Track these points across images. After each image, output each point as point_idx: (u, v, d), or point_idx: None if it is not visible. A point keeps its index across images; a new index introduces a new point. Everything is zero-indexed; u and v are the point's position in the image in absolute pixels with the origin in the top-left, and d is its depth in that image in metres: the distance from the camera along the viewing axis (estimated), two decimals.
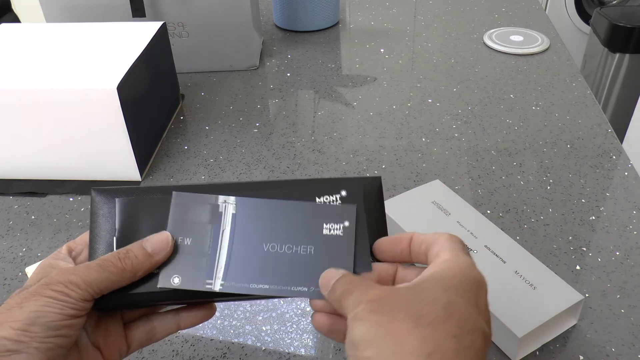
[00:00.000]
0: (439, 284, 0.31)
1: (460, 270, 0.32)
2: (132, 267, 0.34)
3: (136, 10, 0.90)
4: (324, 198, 0.38)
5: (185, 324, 0.39)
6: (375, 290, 0.31)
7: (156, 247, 0.35)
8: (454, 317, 0.29)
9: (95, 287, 0.33)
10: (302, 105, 0.89)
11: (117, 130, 0.66)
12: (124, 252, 0.35)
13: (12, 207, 0.69)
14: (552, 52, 1.01)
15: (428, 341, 0.28)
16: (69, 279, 0.32)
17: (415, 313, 0.29)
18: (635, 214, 0.64)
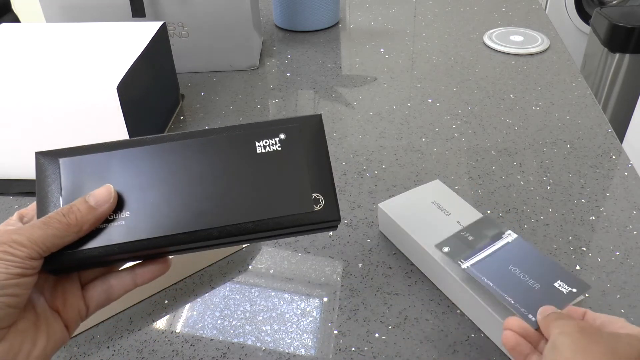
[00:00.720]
0: (636, 338, 0.37)
1: None
2: (77, 221, 0.35)
3: (136, 10, 0.90)
4: (263, 142, 0.39)
5: (142, 280, 0.39)
6: (582, 323, 0.38)
7: (99, 199, 0.36)
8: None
9: (41, 244, 0.33)
10: (302, 105, 0.89)
11: (117, 130, 0.66)
12: (67, 208, 0.35)
13: (12, 207, 0.69)
14: (552, 52, 1.01)
15: None
16: (12, 239, 0.33)
17: (612, 349, 0.35)
18: (635, 214, 0.64)
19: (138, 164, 0.38)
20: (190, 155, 0.38)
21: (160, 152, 0.38)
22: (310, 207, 0.38)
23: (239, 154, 0.39)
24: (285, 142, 0.39)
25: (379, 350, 0.50)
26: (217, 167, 0.38)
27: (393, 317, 0.53)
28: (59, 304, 0.37)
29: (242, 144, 0.39)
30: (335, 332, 0.52)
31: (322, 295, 0.56)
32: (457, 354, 0.49)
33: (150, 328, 0.53)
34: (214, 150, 0.39)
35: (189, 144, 0.39)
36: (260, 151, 0.39)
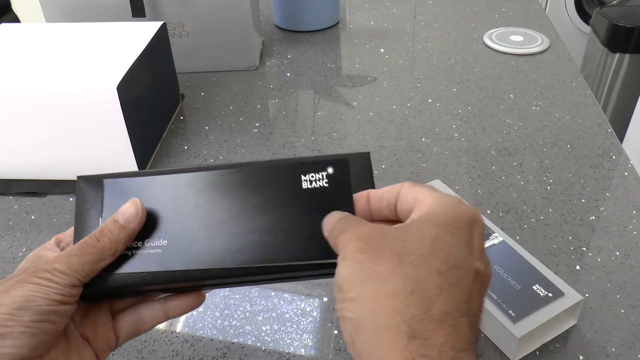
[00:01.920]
0: (427, 221, 0.30)
1: (449, 207, 0.31)
2: (110, 243, 0.35)
3: (136, 10, 0.90)
4: (309, 176, 0.37)
5: (174, 313, 0.38)
6: (364, 228, 0.31)
7: (127, 216, 0.35)
8: (440, 254, 0.28)
9: (80, 270, 0.33)
10: (302, 105, 0.89)
11: (117, 130, 0.66)
12: (99, 231, 0.35)
13: (12, 207, 0.69)
14: (552, 52, 1.01)
15: (409, 279, 0.27)
16: (53, 267, 0.33)
17: (400, 251, 0.28)
18: (635, 214, 0.64)
19: (180, 191, 0.37)
20: (233, 187, 0.37)
21: (204, 181, 0.37)
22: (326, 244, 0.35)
23: (284, 188, 0.37)
24: (333, 178, 0.37)
25: None
26: (260, 201, 0.36)
27: None
28: (89, 333, 0.36)
29: (287, 178, 0.37)
30: (335, 332, 0.52)
31: (322, 295, 0.56)
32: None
33: None
34: (258, 183, 0.37)
35: (232, 175, 0.37)
36: (306, 186, 0.36)
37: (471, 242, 0.30)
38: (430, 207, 0.31)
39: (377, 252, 0.29)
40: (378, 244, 0.29)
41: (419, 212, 0.31)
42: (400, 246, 0.28)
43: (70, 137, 0.67)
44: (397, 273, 0.27)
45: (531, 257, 0.53)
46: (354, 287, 0.28)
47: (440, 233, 0.29)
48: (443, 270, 0.28)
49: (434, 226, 0.29)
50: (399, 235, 0.29)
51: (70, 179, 0.71)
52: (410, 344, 0.26)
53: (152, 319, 0.38)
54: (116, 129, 0.66)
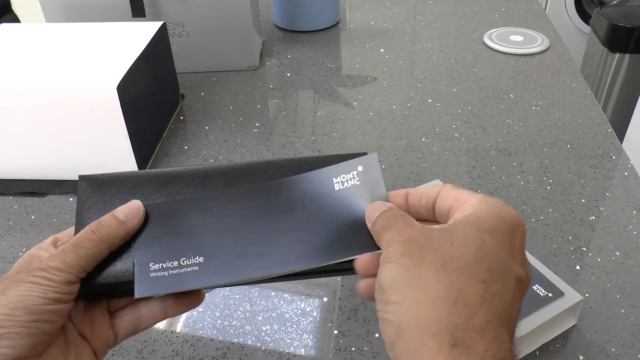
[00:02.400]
0: (473, 225, 0.30)
1: (495, 211, 0.31)
2: (107, 235, 0.34)
3: (136, 10, 0.90)
4: (341, 177, 0.37)
5: (173, 312, 0.38)
6: (409, 230, 0.31)
7: (128, 214, 0.36)
8: (484, 262, 0.28)
9: (76, 266, 0.33)
10: (302, 105, 0.89)
11: (117, 130, 0.66)
12: (97, 223, 0.35)
13: (12, 207, 0.69)
14: (552, 52, 1.01)
15: (453, 287, 0.27)
16: (48, 265, 0.32)
17: (444, 257, 0.28)
18: (635, 214, 0.64)
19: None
20: (265, 199, 0.37)
21: (231, 197, 0.37)
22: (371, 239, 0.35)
23: (317, 194, 0.37)
24: (363, 175, 0.37)
25: (379, 350, 0.50)
26: (295, 211, 0.36)
27: None
28: (87, 331, 0.36)
29: (320, 185, 0.37)
30: (335, 332, 0.52)
31: (322, 295, 0.56)
32: None
33: (150, 328, 0.53)
34: (291, 196, 0.37)
35: (263, 188, 0.37)
36: (339, 188, 0.37)
37: (514, 248, 0.30)
38: (475, 210, 0.31)
39: (421, 256, 0.29)
40: (423, 248, 0.29)
41: (463, 212, 0.31)
42: (446, 251, 0.29)
43: (70, 137, 0.67)
44: (442, 281, 0.28)
45: (531, 257, 0.53)
46: (398, 291, 0.28)
47: (486, 240, 0.29)
48: (487, 279, 0.28)
49: (480, 232, 0.29)
50: (444, 239, 0.29)
51: (70, 179, 0.71)
52: (452, 352, 0.26)
53: (151, 318, 0.38)
54: (116, 129, 0.66)
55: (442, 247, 0.29)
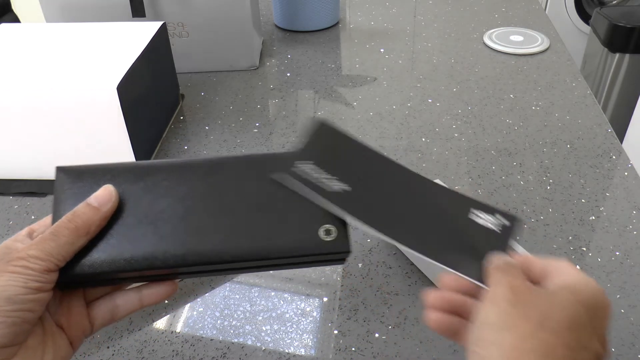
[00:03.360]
0: (573, 294, 0.32)
1: (591, 287, 0.33)
2: (83, 223, 0.35)
3: (136, 10, 0.90)
4: (480, 214, 0.39)
5: (148, 301, 0.39)
6: (518, 281, 0.33)
7: (101, 200, 0.36)
8: (575, 330, 0.31)
9: (56, 254, 0.34)
10: (302, 105, 0.89)
11: (117, 130, 0.66)
12: (72, 214, 0.35)
13: (12, 207, 0.69)
14: (552, 52, 1.01)
15: (545, 344, 0.30)
16: (27, 254, 0.33)
17: (544, 315, 0.31)
18: (635, 214, 0.64)
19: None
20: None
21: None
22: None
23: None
24: (502, 226, 0.39)
25: (379, 350, 0.50)
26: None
27: (393, 317, 0.53)
28: (63, 320, 0.37)
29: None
30: (335, 332, 0.52)
31: (322, 295, 0.56)
32: (457, 354, 0.49)
33: (150, 328, 0.53)
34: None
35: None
36: (474, 219, 0.39)
37: (600, 326, 0.33)
38: (574, 281, 0.34)
39: (524, 308, 0.32)
40: (526, 301, 0.32)
41: (561, 280, 0.34)
42: (546, 310, 0.32)
43: (70, 137, 0.67)
44: (538, 336, 0.31)
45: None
46: (497, 333, 0.31)
47: (580, 311, 0.32)
48: (573, 346, 0.31)
49: (577, 303, 0.32)
50: (545, 299, 0.32)
51: None
52: None
53: (127, 307, 0.39)
54: (116, 129, 0.66)
55: (543, 306, 0.32)
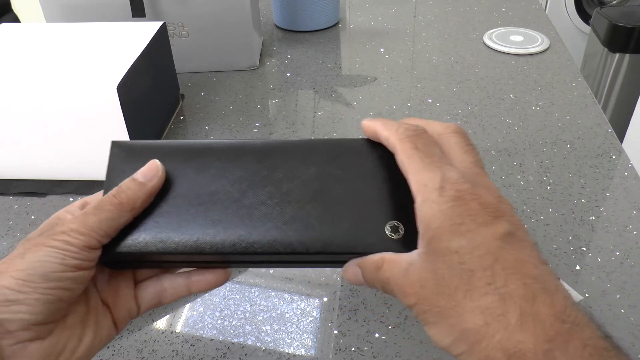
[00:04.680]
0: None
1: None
2: (128, 199, 0.34)
3: (136, 10, 0.90)
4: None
5: (197, 288, 0.37)
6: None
7: (147, 174, 0.35)
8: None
9: (98, 229, 0.32)
10: (302, 105, 0.89)
11: (117, 130, 0.66)
12: (117, 189, 0.34)
13: (12, 207, 0.69)
14: (552, 52, 1.01)
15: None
16: (70, 228, 0.32)
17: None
18: (635, 214, 0.64)
19: (214, 159, 0.37)
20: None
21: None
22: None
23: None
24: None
25: (379, 350, 0.50)
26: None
27: (393, 317, 0.53)
28: (110, 299, 0.36)
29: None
30: (335, 332, 0.52)
31: (322, 295, 0.56)
32: None
33: (150, 328, 0.53)
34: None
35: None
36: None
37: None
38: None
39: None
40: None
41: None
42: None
43: (70, 137, 0.67)
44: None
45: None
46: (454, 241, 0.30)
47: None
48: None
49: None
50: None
51: (71, 179, 0.71)
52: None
53: (174, 292, 0.38)
54: (116, 129, 0.66)
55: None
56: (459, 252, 0.28)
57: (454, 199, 0.30)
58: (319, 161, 0.36)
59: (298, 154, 0.37)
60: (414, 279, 0.30)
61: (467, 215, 0.29)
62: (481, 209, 0.30)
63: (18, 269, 0.30)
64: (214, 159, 0.37)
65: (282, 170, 0.36)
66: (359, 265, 0.33)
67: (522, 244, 0.29)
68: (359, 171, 0.36)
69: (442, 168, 0.31)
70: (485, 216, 0.30)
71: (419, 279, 0.30)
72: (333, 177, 0.36)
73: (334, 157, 0.36)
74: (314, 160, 0.36)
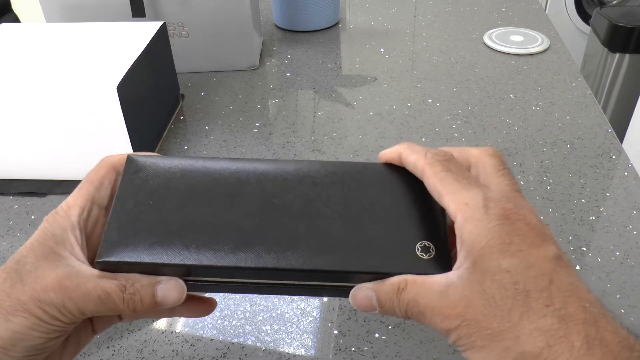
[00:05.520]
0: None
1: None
2: (135, 309, 0.32)
3: (136, 10, 0.90)
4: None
5: (180, 314, 0.37)
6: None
7: (167, 299, 0.32)
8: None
9: (88, 314, 0.31)
10: (302, 105, 0.89)
11: (117, 130, 0.66)
12: (131, 293, 0.31)
13: (12, 207, 0.69)
14: (552, 52, 1.01)
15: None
16: (63, 304, 0.30)
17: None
18: (635, 214, 0.64)
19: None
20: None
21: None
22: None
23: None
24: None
25: (379, 350, 0.50)
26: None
27: (393, 317, 0.53)
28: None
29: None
30: (335, 332, 0.52)
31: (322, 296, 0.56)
32: (457, 354, 0.49)
33: (150, 328, 0.53)
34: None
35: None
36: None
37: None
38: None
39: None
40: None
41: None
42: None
43: (70, 137, 0.67)
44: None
45: None
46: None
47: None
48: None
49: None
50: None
51: (70, 179, 0.71)
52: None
53: (155, 316, 0.38)
54: (116, 129, 0.66)
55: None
56: (511, 271, 0.27)
57: (501, 218, 0.29)
58: (340, 184, 0.35)
59: (315, 177, 0.35)
60: (456, 300, 0.28)
61: (515, 235, 0.28)
62: (529, 229, 0.29)
63: (0, 335, 0.29)
64: (232, 186, 0.35)
65: (298, 193, 0.34)
66: (373, 289, 0.31)
67: (571, 269, 0.28)
68: (382, 194, 0.34)
69: (481, 188, 0.30)
70: (533, 237, 0.28)
71: (462, 299, 0.28)
72: (356, 200, 0.34)
73: (355, 181, 0.35)
74: (334, 182, 0.35)
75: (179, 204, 0.34)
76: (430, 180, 0.32)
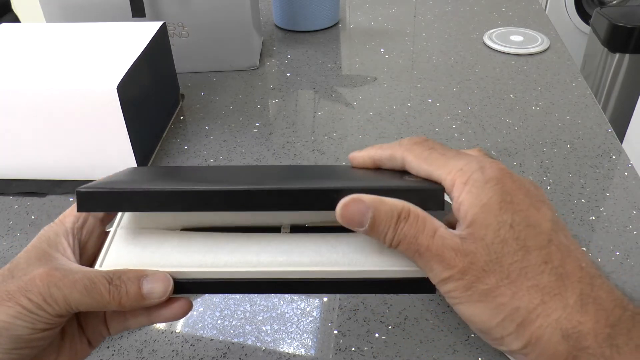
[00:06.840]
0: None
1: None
2: (121, 302, 0.31)
3: (136, 10, 0.90)
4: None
5: (157, 320, 0.36)
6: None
7: (153, 293, 0.32)
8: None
9: (74, 306, 0.31)
10: (302, 105, 0.89)
11: (117, 130, 0.66)
12: (117, 284, 0.31)
13: (12, 207, 0.69)
14: (552, 52, 1.01)
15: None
16: (49, 292, 0.30)
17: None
18: (635, 214, 0.64)
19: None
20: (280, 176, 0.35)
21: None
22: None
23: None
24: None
25: (379, 350, 0.50)
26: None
27: (393, 317, 0.53)
28: (83, 321, 0.36)
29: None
30: (335, 332, 0.52)
31: (322, 295, 0.56)
32: (457, 354, 0.49)
33: (150, 328, 0.53)
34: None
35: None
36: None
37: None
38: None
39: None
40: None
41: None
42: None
43: (70, 137, 0.67)
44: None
45: None
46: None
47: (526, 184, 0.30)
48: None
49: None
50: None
51: (70, 179, 0.71)
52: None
53: (137, 323, 0.36)
54: (116, 129, 0.66)
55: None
56: (514, 227, 0.27)
57: (498, 178, 0.29)
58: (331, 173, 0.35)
59: (297, 170, 0.36)
60: (460, 251, 0.28)
61: (514, 194, 0.28)
62: (526, 190, 0.29)
63: None
64: (219, 173, 0.36)
65: (284, 175, 0.35)
66: (372, 206, 0.29)
67: (567, 232, 0.29)
68: (373, 176, 0.34)
69: (471, 155, 0.30)
70: (531, 198, 0.29)
71: (467, 253, 0.27)
72: (350, 172, 0.34)
73: (345, 170, 0.35)
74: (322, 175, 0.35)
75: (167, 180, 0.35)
76: (414, 163, 0.31)
